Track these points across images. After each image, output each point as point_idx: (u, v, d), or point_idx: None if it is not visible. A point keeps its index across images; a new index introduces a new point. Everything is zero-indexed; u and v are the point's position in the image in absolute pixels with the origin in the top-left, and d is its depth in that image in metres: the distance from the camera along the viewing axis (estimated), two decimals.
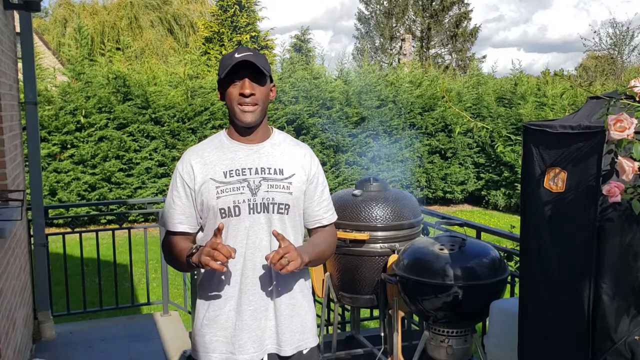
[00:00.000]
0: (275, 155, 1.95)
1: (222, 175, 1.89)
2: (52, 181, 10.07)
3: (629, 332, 1.77)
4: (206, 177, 1.90)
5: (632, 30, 30.61)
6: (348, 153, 12.09)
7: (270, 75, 1.93)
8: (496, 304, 2.71)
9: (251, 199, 1.88)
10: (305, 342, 1.99)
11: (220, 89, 1.94)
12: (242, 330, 1.90)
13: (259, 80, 1.89)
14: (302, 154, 2.00)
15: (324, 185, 2.05)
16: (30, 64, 4.11)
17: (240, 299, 1.90)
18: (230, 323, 1.90)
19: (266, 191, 1.89)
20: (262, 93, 1.89)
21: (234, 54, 1.87)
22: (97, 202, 8.27)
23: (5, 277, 2.95)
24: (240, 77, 1.86)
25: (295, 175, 1.95)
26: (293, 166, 1.96)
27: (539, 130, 1.97)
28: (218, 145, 1.96)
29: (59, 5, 27.24)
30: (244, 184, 1.89)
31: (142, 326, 4.70)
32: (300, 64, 12.97)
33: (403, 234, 3.27)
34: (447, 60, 32.01)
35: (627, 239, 1.74)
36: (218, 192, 1.88)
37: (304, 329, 1.99)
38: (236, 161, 1.91)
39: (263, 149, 1.95)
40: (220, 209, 1.87)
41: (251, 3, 20.47)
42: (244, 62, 1.84)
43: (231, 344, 1.90)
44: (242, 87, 1.86)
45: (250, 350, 1.91)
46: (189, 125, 10.92)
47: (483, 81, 14.14)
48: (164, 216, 1.99)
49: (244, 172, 1.90)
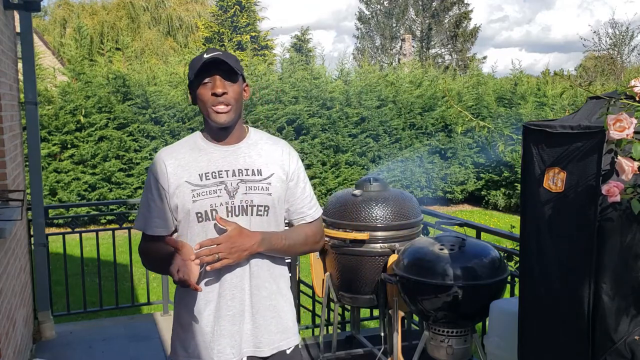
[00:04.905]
0: (252, 156, 1.89)
1: (198, 178, 1.82)
2: (52, 181, 10.07)
3: (629, 332, 1.77)
4: (181, 179, 1.82)
5: (632, 30, 30.60)
6: (348, 153, 12.09)
7: (242, 74, 1.87)
8: (496, 304, 2.71)
9: (229, 201, 1.81)
10: (286, 341, 1.95)
11: (191, 92, 1.87)
12: (222, 335, 1.85)
13: (231, 78, 1.82)
14: (280, 152, 1.93)
15: (305, 182, 1.98)
16: (30, 64, 4.11)
17: (219, 304, 1.84)
18: (209, 328, 1.85)
19: (244, 193, 1.83)
20: (234, 92, 1.82)
21: (203, 55, 1.81)
22: (97, 202, 8.28)
23: (5, 277, 2.95)
24: (211, 76, 1.80)
25: (274, 174, 1.89)
26: (271, 166, 1.89)
27: (538, 130, 1.97)
28: (193, 147, 1.88)
29: (58, 5, 27.26)
30: (221, 187, 1.82)
31: (142, 326, 4.70)
32: (301, 64, 12.96)
33: (403, 234, 3.27)
34: (448, 60, 32.01)
35: (627, 239, 1.74)
36: (194, 195, 1.81)
37: (285, 329, 1.95)
38: (212, 163, 1.85)
39: (240, 150, 1.89)
40: (197, 213, 1.80)
41: (251, 3, 20.48)
42: (213, 61, 1.78)
43: (210, 349, 1.86)
44: (214, 86, 1.79)
45: (229, 355, 1.86)
46: (189, 125, 10.92)
47: (483, 81, 14.13)
48: (140, 220, 1.90)
49: (221, 175, 1.83)
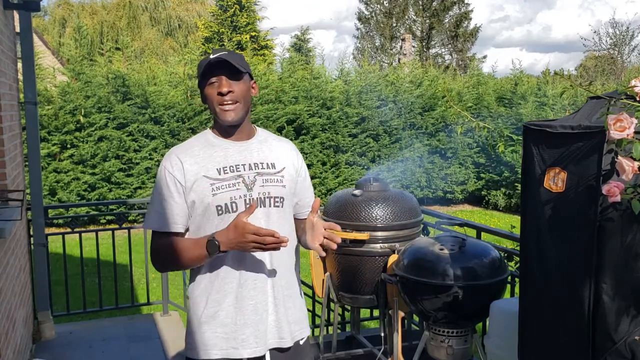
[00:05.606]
0: (264, 151, 1.98)
1: (216, 172, 1.89)
2: (52, 181, 10.07)
3: (629, 332, 1.77)
4: (198, 174, 1.88)
5: (632, 30, 30.59)
6: (348, 153, 12.09)
7: (249, 72, 1.94)
8: (496, 304, 2.71)
9: (247, 194, 1.89)
10: (300, 331, 2.02)
11: (200, 92, 1.96)
12: (245, 325, 1.89)
13: (236, 77, 1.89)
14: (288, 149, 2.06)
15: (309, 178, 2.14)
16: (30, 63, 4.10)
17: (240, 294, 1.89)
18: (230, 319, 1.90)
19: (261, 186, 1.91)
20: (240, 90, 1.90)
21: (209, 56, 1.90)
22: (97, 202, 8.27)
23: (5, 277, 2.94)
24: (217, 76, 1.88)
25: (286, 168, 1.99)
26: (283, 160, 2.00)
27: (539, 130, 1.97)
28: (205, 144, 1.95)
29: (58, 5, 27.26)
30: (239, 180, 1.89)
31: (142, 326, 4.70)
32: (300, 63, 12.96)
33: (403, 234, 3.27)
34: (448, 60, 32.00)
35: (627, 239, 1.74)
36: (213, 189, 1.87)
37: (299, 319, 2.02)
38: (229, 158, 1.92)
39: (252, 146, 1.98)
40: (217, 206, 1.87)
41: (251, 3, 20.47)
42: (218, 62, 1.86)
43: (232, 339, 1.90)
44: (219, 85, 1.88)
45: (253, 344, 1.91)
46: (188, 125, 10.92)
47: (483, 81, 14.12)
48: (154, 218, 1.92)
49: (238, 168, 1.91)
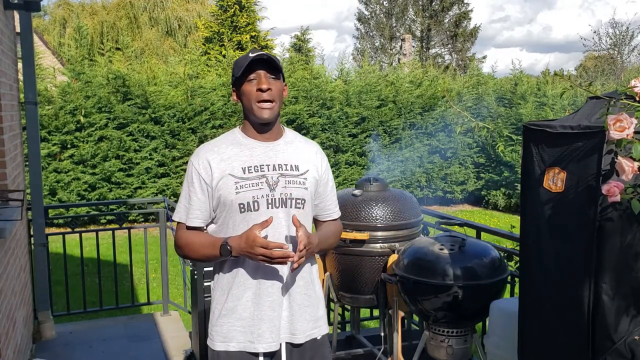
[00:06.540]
0: (290, 153, 2.03)
1: (241, 171, 1.95)
2: (52, 181, 10.06)
3: (629, 332, 1.77)
4: (224, 172, 1.95)
5: (632, 31, 30.57)
6: (348, 153, 12.10)
7: (282, 74, 2.01)
8: (496, 304, 2.71)
9: (269, 194, 1.94)
10: (317, 329, 2.06)
11: (235, 89, 2.00)
12: (262, 320, 1.95)
13: (275, 75, 1.96)
14: (313, 152, 2.11)
15: (332, 181, 2.17)
16: (30, 63, 4.11)
17: (259, 290, 1.95)
18: (248, 313, 1.96)
19: (284, 187, 1.96)
20: (277, 89, 1.97)
21: (249, 54, 1.95)
22: (97, 202, 8.28)
23: (5, 277, 2.95)
24: (255, 72, 1.93)
25: (309, 171, 2.04)
26: (306, 163, 2.05)
27: (538, 130, 1.97)
28: (234, 142, 2.00)
29: (58, 5, 27.24)
30: (262, 180, 1.95)
31: (142, 326, 4.71)
32: (300, 63, 12.96)
33: (403, 234, 3.27)
34: (447, 60, 31.97)
35: (627, 239, 1.74)
36: (237, 187, 1.93)
37: (317, 317, 2.07)
38: (254, 158, 1.97)
39: (278, 147, 2.02)
40: (240, 204, 1.93)
41: (251, 3, 20.44)
42: (259, 59, 1.92)
43: (249, 333, 1.96)
44: (259, 82, 1.93)
45: (269, 339, 1.96)
46: (189, 125, 10.92)
47: (483, 81, 14.12)
48: (181, 211, 2.02)
49: (262, 169, 1.96)
